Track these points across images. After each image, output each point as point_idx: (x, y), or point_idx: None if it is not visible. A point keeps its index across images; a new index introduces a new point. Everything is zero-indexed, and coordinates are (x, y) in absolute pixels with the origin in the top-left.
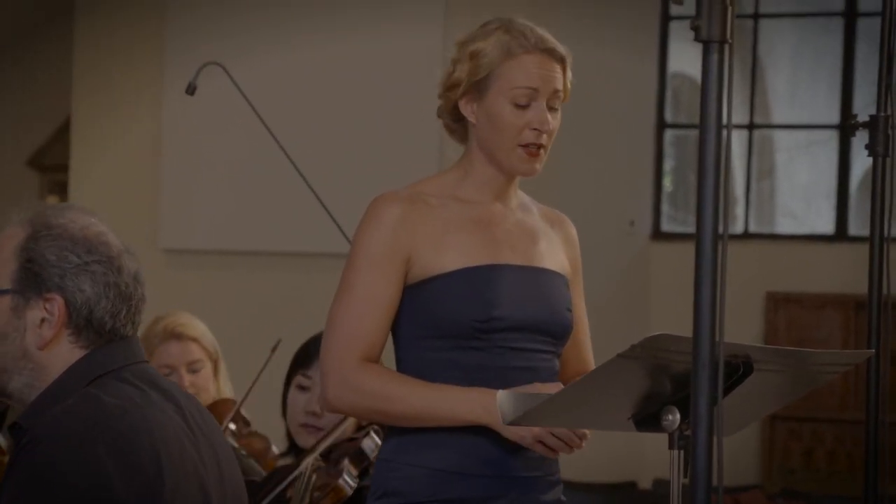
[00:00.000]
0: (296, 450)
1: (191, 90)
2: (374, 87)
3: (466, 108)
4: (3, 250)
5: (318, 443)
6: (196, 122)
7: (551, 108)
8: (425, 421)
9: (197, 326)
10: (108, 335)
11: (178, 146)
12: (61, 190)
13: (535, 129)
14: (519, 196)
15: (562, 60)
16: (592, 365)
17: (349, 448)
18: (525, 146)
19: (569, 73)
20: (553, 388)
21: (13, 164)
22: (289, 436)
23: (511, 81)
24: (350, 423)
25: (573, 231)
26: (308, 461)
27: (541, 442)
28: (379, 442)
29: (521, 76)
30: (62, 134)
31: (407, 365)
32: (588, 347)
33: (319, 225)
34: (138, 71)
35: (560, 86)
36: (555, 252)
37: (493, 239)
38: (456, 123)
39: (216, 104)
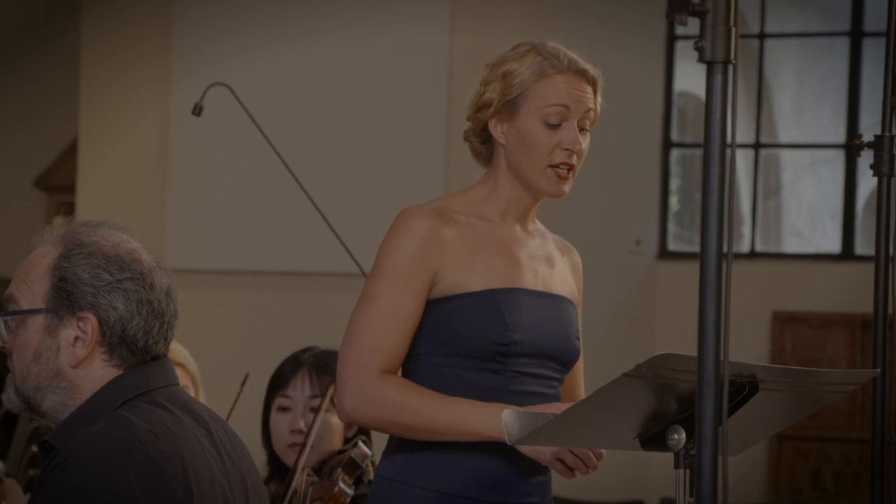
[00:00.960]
0: (280, 473)
1: (197, 111)
2: (380, 104)
3: (496, 129)
4: (35, 269)
5: (299, 456)
6: (202, 142)
7: (582, 130)
8: (444, 435)
9: (181, 351)
10: (141, 353)
11: (184, 166)
12: (68, 210)
13: (566, 150)
14: (536, 223)
15: (593, 82)
16: (583, 396)
17: (340, 460)
18: (555, 167)
19: (599, 98)
20: (556, 408)
21: (20, 185)
22: (270, 462)
23: (543, 100)
24: (338, 438)
25: (579, 260)
26: (299, 477)
27: (560, 460)
28: (368, 452)
29: (552, 95)
30: (69, 155)
31: (418, 379)
32: (582, 380)
33: (326, 245)
34: (144, 91)
35: (592, 105)
36: (566, 279)
37: (517, 262)
38: (483, 145)
39: (222, 124)
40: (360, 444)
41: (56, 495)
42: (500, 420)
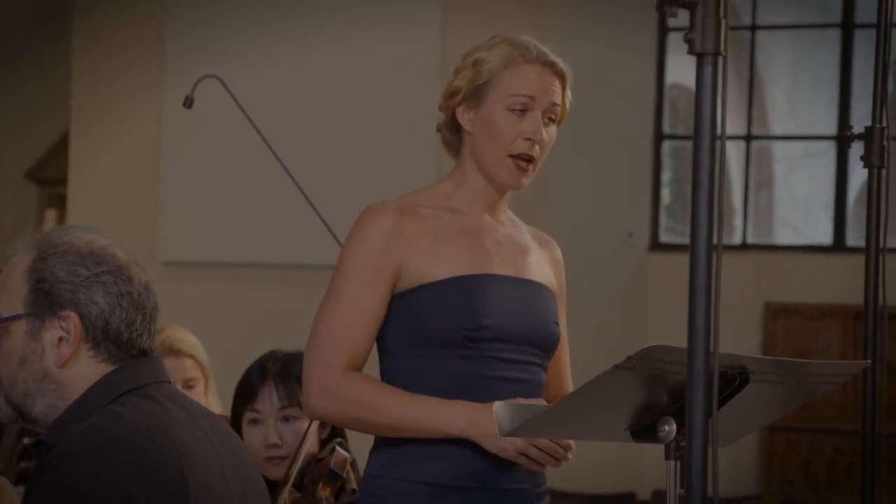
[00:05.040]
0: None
1: (188, 103)
2: (372, 98)
3: (463, 116)
4: (12, 277)
5: (288, 472)
6: (194, 134)
7: (547, 122)
8: (409, 432)
9: (192, 342)
10: (126, 346)
11: (176, 159)
12: (60, 203)
13: (528, 140)
14: (508, 213)
15: (562, 76)
16: (570, 389)
17: (320, 471)
18: (516, 157)
19: (568, 93)
20: (533, 400)
21: (12, 178)
22: None
23: (509, 88)
24: (313, 440)
25: (559, 253)
26: (283, 497)
27: (524, 454)
28: (347, 455)
29: (519, 83)
30: (61, 147)
31: (394, 375)
32: (568, 372)
33: (317, 237)
34: (136, 84)
35: (558, 100)
36: (543, 267)
37: (484, 249)
38: (453, 136)
39: (214, 117)
40: (338, 448)
41: (50, 492)
42: (463, 417)
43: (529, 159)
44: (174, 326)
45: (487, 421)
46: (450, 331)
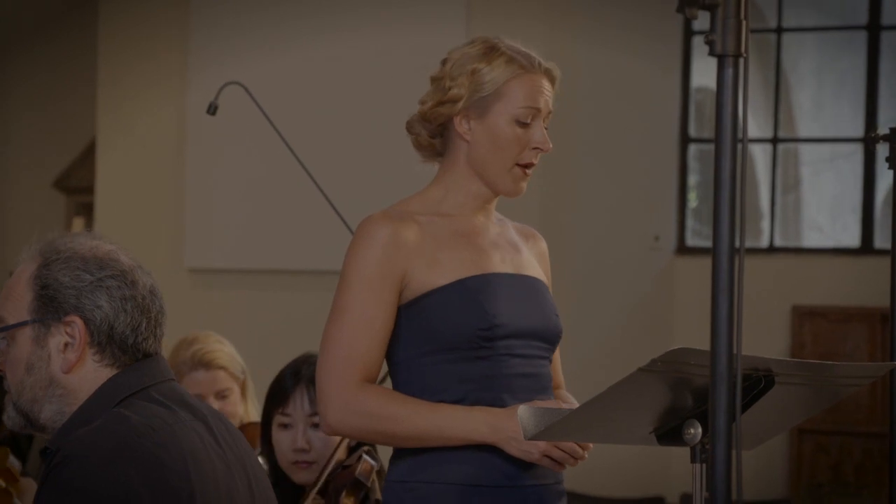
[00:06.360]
0: (282, 487)
1: (212, 110)
2: (396, 103)
3: (462, 126)
4: (18, 285)
5: (318, 478)
6: (219, 142)
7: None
8: (430, 441)
9: (224, 352)
10: (132, 350)
11: (201, 166)
12: (87, 211)
13: (535, 149)
14: (495, 213)
15: (554, 81)
16: (562, 381)
17: (344, 479)
18: (523, 166)
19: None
20: (556, 403)
21: (40, 187)
22: (271, 475)
23: (516, 101)
24: (343, 447)
25: (545, 245)
26: (308, 502)
27: (548, 456)
28: (374, 463)
29: (526, 96)
30: (87, 156)
31: (409, 386)
32: (559, 364)
33: (343, 243)
34: (161, 92)
35: (551, 104)
36: (533, 262)
37: (482, 250)
38: (434, 139)
39: (238, 123)
40: (364, 456)
41: (57, 495)
42: (484, 423)
43: (532, 165)
44: (207, 337)
45: (509, 426)
46: (463, 333)
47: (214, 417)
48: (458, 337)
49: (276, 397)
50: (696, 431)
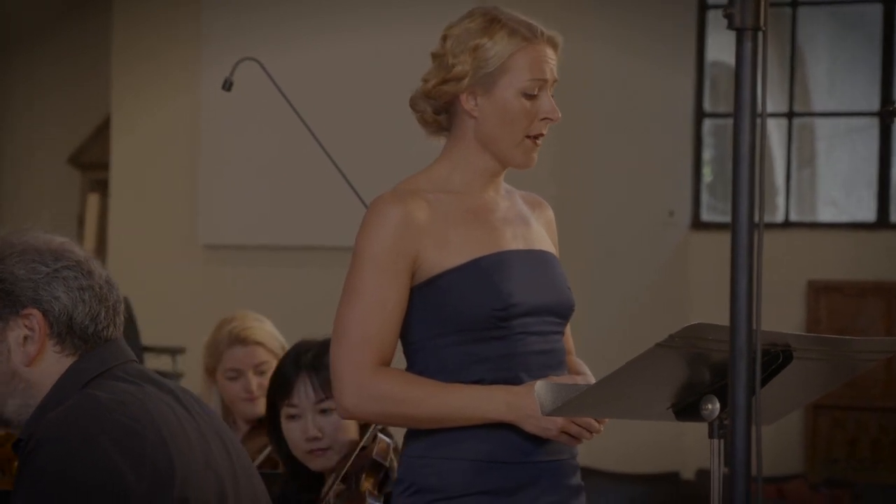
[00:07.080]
0: (299, 476)
1: (227, 86)
2: (412, 79)
3: (469, 102)
4: None
5: (340, 469)
6: (234, 117)
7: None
8: (448, 422)
9: (261, 328)
10: (92, 339)
11: (216, 142)
12: (102, 188)
13: (544, 119)
14: (504, 185)
15: (557, 48)
16: (573, 347)
17: (362, 462)
18: (533, 137)
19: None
20: (571, 378)
21: (55, 163)
22: (287, 465)
23: (522, 73)
24: (353, 430)
25: (552, 214)
26: (328, 489)
27: (566, 433)
28: (389, 440)
29: (533, 68)
30: (102, 132)
31: (424, 367)
32: (568, 331)
33: (357, 219)
34: (176, 68)
35: (556, 72)
36: (543, 236)
37: (493, 227)
38: (438, 115)
39: (253, 100)
40: (379, 434)
41: (37, 482)
42: (502, 401)
43: (542, 136)
44: (245, 315)
45: (526, 403)
46: (479, 313)
47: (182, 391)
48: (473, 318)
49: (280, 389)
50: (713, 407)
